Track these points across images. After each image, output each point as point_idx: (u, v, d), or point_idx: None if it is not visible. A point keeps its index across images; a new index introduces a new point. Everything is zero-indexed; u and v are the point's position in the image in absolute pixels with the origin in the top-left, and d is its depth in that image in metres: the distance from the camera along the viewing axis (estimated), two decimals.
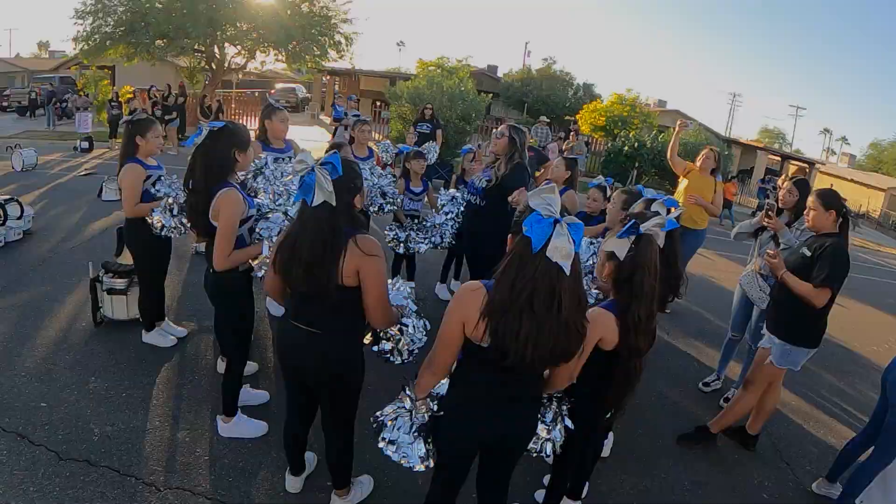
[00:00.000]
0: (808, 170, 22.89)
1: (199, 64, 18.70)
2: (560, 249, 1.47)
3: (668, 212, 2.13)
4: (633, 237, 1.84)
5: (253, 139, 3.19)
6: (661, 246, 1.93)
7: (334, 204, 1.81)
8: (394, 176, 4.40)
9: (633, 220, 1.87)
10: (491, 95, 17.86)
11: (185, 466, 2.51)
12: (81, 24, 13.96)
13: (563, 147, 13.06)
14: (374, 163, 4.68)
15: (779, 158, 24.50)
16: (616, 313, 1.86)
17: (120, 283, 3.69)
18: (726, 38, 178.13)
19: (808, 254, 2.83)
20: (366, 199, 4.17)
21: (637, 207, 2.55)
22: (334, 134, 9.15)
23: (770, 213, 3.41)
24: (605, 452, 2.94)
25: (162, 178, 3.33)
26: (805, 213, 3.01)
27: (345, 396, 2.12)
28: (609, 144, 16.35)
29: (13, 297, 4.08)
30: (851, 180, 28.35)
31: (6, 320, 3.71)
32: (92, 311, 3.73)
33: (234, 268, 2.49)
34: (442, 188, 5.43)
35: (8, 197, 5.21)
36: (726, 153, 15.94)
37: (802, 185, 3.62)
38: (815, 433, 3.67)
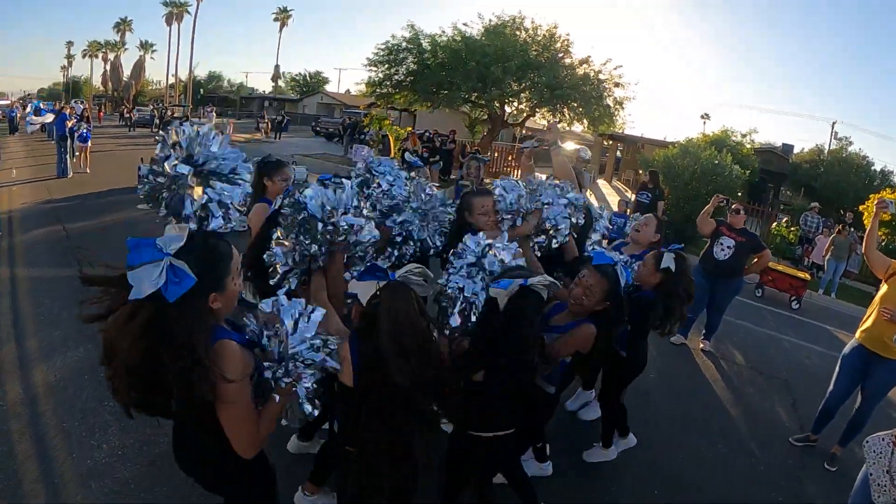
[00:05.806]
0: None
1: (481, 115, 21.02)
2: (142, 282, 1.48)
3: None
4: (381, 282, 1.88)
5: None
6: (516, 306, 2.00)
7: None
8: None
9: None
10: (748, 172, 15.20)
11: (121, 444, 2.99)
12: (374, 71, 17.33)
13: (828, 243, 11.49)
14: None
15: None
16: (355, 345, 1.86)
17: None
18: None
19: None
20: None
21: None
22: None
23: None
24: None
25: None
26: None
27: None
28: (883, 243, 12.55)
29: None
30: None
31: None
32: None
33: None
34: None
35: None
36: None
37: None
38: None
